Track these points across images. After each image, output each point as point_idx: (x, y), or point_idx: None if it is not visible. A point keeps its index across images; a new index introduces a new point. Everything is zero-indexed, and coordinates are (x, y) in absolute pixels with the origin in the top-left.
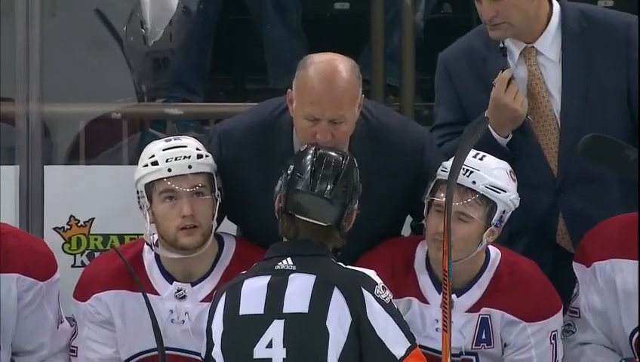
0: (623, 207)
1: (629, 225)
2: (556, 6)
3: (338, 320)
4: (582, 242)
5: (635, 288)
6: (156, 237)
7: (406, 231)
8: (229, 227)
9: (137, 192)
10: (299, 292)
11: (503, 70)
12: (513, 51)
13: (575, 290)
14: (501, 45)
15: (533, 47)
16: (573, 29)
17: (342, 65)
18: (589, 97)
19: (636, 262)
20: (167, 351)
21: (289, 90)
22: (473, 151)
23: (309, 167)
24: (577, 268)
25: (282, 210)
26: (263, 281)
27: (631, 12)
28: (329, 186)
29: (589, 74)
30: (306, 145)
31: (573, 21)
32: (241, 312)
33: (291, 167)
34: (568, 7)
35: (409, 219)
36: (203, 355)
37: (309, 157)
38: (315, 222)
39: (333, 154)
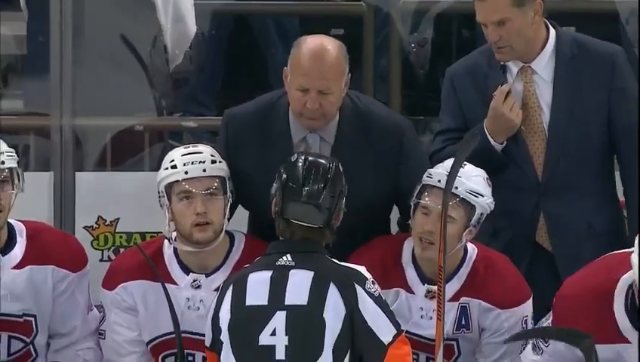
0: (595, 214)
1: (600, 299)
2: (552, 32)
3: (334, 311)
4: (556, 306)
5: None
6: (175, 234)
7: (394, 231)
8: (239, 226)
9: (159, 193)
10: (299, 286)
11: (502, 84)
12: (512, 69)
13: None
14: (502, 63)
15: (529, 66)
16: (566, 54)
17: (330, 45)
18: (575, 114)
19: (609, 345)
20: (183, 335)
21: (285, 68)
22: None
23: (300, 177)
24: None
25: (278, 214)
26: (266, 275)
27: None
28: (319, 194)
29: (577, 94)
30: (296, 154)
31: (566, 46)
32: (248, 303)
33: (284, 175)
34: (563, 34)
35: (399, 224)
36: (208, 341)
37: (300, 166)
38: (307, 225)
39: (322, 161)
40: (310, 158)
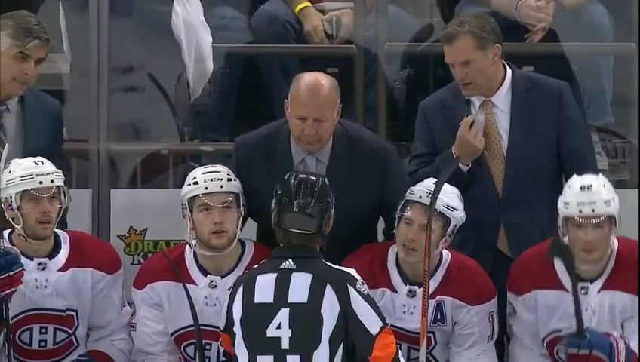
0: (547, 224)
1: (540, 258)
2: (509, 71)
3: (330, 308)
4: (511, 273)
5: (550, 305)
6: (195, 240)
7: (380, 239)
8: (248, 235)
9: (182, 205)
10: (300, 286)
11: (467, 115)
12: (475, 102)
13: (508, 310)
14: (466, 98)
15: (490, 100)
16: (520, 89)
17: (324, 80)
18: (529, 140)
19: (551, 290)
20: (202, 328)
21: (286, 100)
22: (433, 180)
23: (292, 191)
24: (511, 295)
25: (277, 224)
26: (271, 277)
27: (548, 75)
28: (308, 205)
29: (530, 123)
30: (288, 173)
31: (521, 83)
32: (256, 301)
33: (279, 191)
34: (517, 73)
35: (385, 233)
36: (222, 325)
37: (291, 182)
38: (301, 231)
39: (310, 177)
40: (300, 175)
